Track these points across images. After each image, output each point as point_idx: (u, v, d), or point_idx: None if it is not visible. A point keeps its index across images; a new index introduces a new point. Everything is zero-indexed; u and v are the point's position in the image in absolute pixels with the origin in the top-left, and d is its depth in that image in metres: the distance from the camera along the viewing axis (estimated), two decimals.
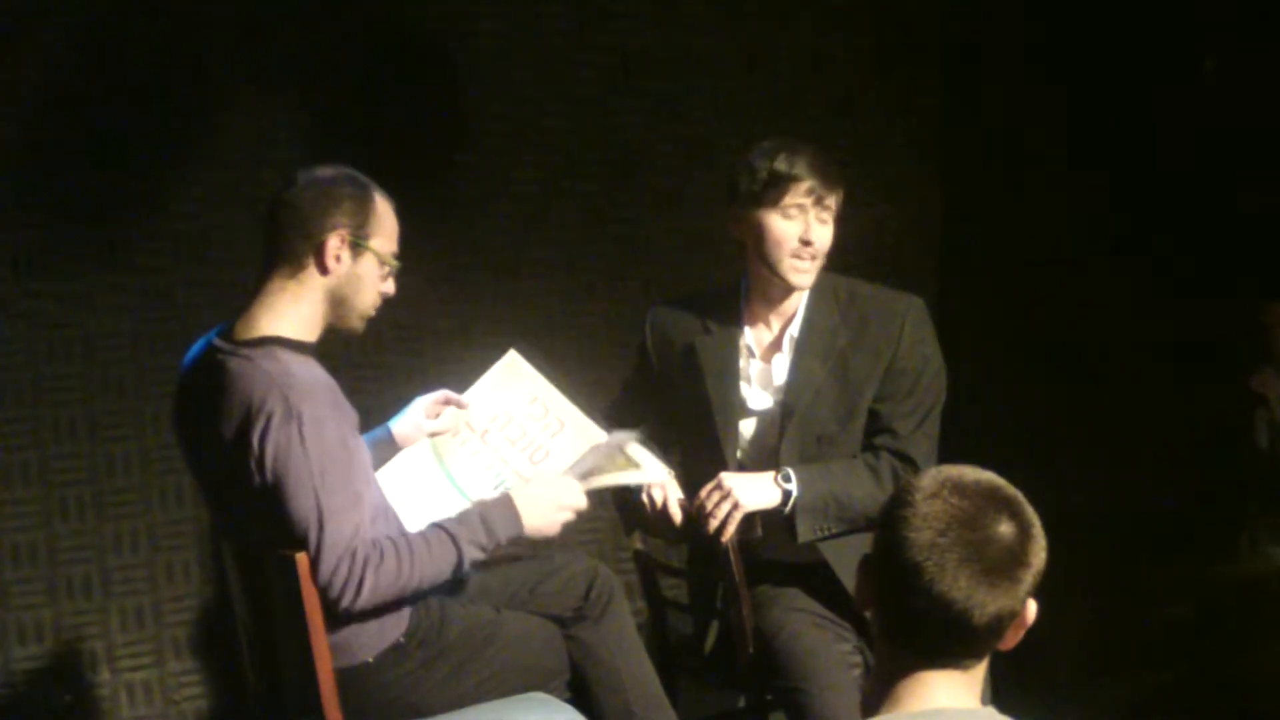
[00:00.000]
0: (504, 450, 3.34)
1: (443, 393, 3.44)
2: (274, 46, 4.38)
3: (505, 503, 3.10)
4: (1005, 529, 1.85)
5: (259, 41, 4.36)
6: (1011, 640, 1.90)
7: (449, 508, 3.22)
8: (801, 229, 3.38)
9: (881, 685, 1.90)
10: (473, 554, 3.03)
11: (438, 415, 3.42)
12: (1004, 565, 1.84)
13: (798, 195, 3.37)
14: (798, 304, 3.49)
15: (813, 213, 3.38)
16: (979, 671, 1.90)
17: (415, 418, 3.41)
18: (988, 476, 1.91)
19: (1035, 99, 4.76)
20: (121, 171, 4.24)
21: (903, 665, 1.89)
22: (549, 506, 3.13)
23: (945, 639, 1.85)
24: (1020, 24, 4.76)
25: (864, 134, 5.00)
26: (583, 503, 3.18)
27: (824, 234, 3.40)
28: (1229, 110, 4.34)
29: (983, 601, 1.83)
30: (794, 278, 3.41)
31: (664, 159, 4.80)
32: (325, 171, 3.09)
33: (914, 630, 1.87)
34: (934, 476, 1.89)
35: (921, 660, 1.88)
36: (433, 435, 3.42)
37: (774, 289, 3.46)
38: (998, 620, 1.86)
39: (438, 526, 3.03)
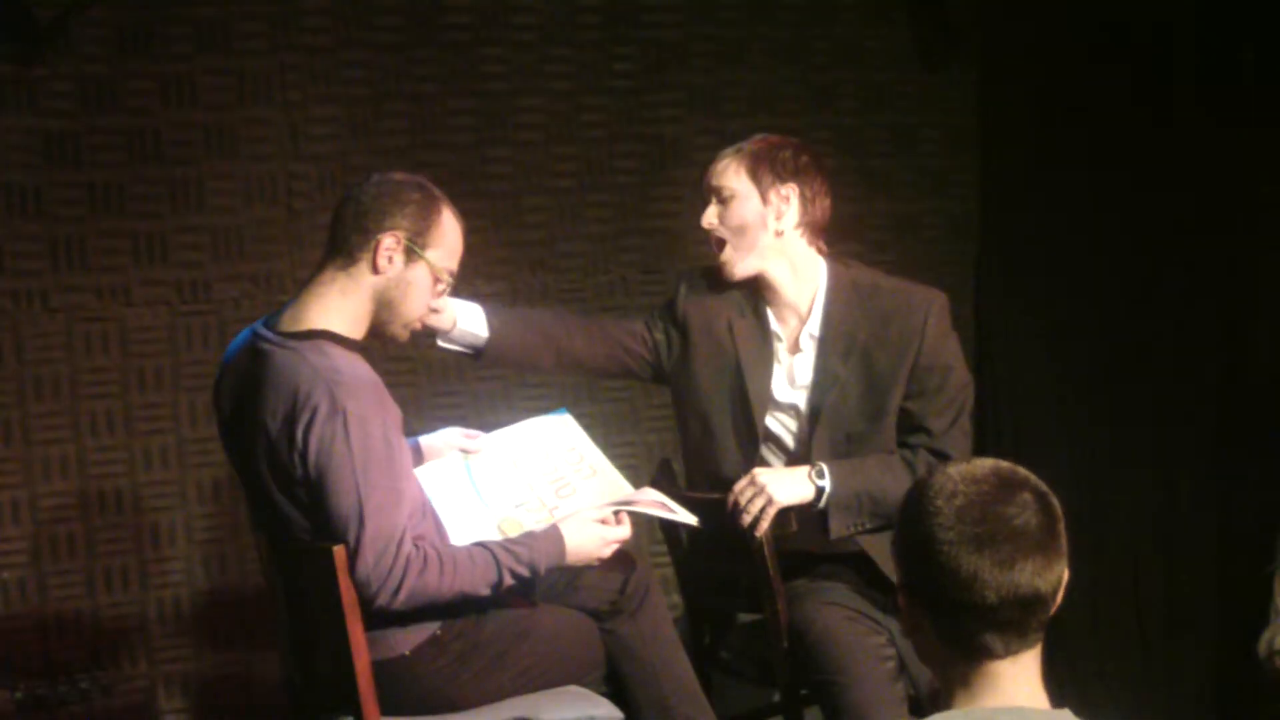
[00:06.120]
0: (532, 478, 3.36)
1: (478, 433, 3.44)
2: (307, 39, 4.39)
3: (553, 535, 3.10)
4: (1029, 508, 1.87)
5: (292, 34, 4.37)
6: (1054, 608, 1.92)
7: (466, 512, 3.24)
8: None
9: (947, 680, 1.90)
10: (512, 579, 3.04)
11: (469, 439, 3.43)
12: (1039, 541, 1.86)
13: (702, 191, 3.49)
14: (812, 298, 3.47)
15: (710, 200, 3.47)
16: (1037, 657, 1.90)
17: (446, 437, 3.41)
18: (993, 463, 1.93)
19: (1073, 94, 4.73)
20: (157, 165, 4.26)
21: (965, 658, 1.89)
22: (595, 542, 3.14)
23: (998, 625, 1.86)
24: (1059, 18, 4.73)
25: (901, 128, 4.98)
26: (626, 533, 3.19)
27: (707, 215, 3.46)
28: (1267, 108, 4.31)
29: (1027, 580, 1.85)
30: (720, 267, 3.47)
31: (699, 152, 4.77)
32: (399, 175, 3.10)
33: (966, 624, 1.87)
34: (946, 475, 1.90)
35: (982, 653, 1.87)
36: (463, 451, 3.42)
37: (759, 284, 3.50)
38: (1039, 595, 1.86)
39: (484, 546, 3.04)
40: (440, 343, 3.45)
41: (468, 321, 3.42)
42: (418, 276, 3.05)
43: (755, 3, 4.86)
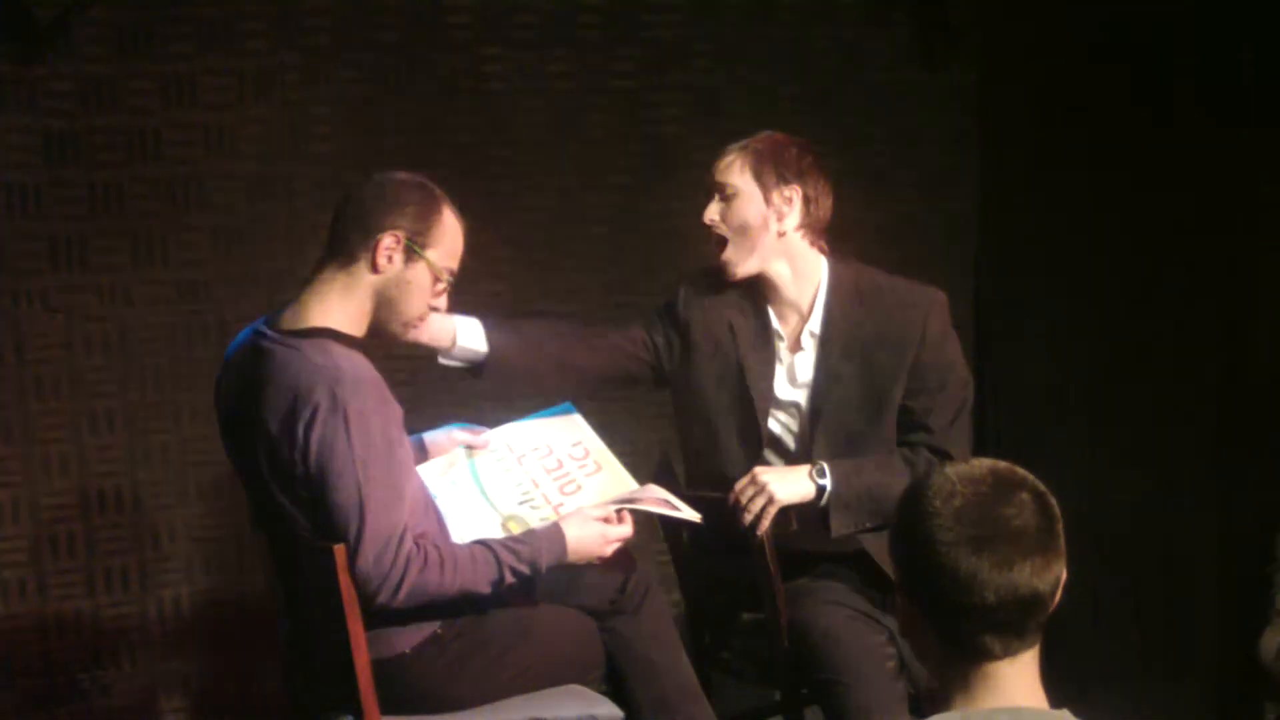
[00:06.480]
0: (537, 475, 3.35)
1: (482, 429, 3.44)
2: (307, 39, 4.39)
3: (554, 533, 3.10)
4: (1028, 508, 1.86)
5: (292, 34, 4.37)
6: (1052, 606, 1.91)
7: (471, 509, 3.23)
8: None
9: (946, 681, 1.90)
10: (513, 577, 3.04)
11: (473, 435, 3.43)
12: (1037, 541, 1.86)
13: (705, 186, 3.49)
14: (813, 297, 3.47)
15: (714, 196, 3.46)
16: (1035, 658, 1.90)
17: (450, 433, 3.41)
18: (991, 463, 1.92)
19: (1073, 94, 4.73)
20: (157, 165, 4.26)
21: (963, 659, 1.88)
22: (596, 540, 3.13)
23: (996, 626, 1.85)
24: (1059, 18, 4.73)
25: (903, 128, 4.98)
26: (628, 531, 3.18)
27: (709, 210, 3.45)
28: (1267, 108, 4.31)
29: (1026, 581, 1.84)
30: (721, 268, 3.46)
31: (701, 153, 4.76)
32: (400, 175, 3.11)
33: (964, 625, 1.86)
34: (944, 475, 1.90)
35: (980, 654, 1.87)
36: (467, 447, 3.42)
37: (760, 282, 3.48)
38: (1038, 596, 1.86)
39: (485, 544, 3.04)
40: (440, 360, 3.46)
41: (467, 338, 3.42)
42: (417, 276, 3.06)
43: (755, 3, 4.86)
